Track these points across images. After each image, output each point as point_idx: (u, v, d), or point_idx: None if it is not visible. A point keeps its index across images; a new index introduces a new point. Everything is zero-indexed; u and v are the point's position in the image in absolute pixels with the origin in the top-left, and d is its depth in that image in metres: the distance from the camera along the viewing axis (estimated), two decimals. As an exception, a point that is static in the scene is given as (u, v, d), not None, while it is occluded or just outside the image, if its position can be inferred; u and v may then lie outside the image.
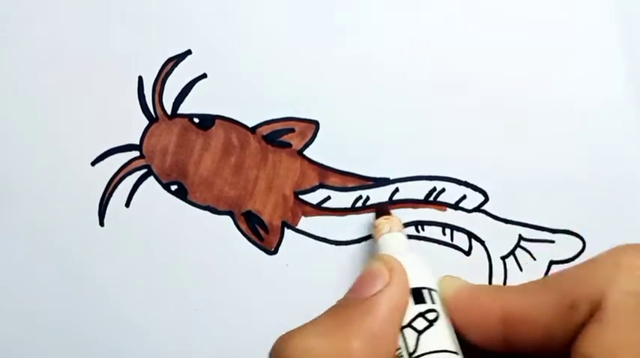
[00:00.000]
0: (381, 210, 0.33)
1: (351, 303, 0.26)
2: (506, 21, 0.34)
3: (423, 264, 0.28)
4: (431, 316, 0.26)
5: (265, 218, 0.34)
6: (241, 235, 0.34)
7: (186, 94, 0.34)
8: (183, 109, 0.34)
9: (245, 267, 0.34)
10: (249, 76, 0.34)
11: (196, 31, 0.34)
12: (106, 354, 0.34)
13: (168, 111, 0.34)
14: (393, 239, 0.30)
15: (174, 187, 0.34)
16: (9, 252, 0.34)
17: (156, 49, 0.34)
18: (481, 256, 0.34)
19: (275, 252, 0.34)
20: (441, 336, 0.26)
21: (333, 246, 0.34)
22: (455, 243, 0.34)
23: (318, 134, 0.34)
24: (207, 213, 0.34)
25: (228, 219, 0.34)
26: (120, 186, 0.34)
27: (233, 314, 0.34)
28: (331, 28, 0.34)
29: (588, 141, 0.33)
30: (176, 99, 0.34)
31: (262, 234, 0.34)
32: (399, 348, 0.25)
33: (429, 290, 0.27)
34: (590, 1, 0.34)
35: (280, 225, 0.34)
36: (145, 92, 0.34)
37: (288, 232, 0.34)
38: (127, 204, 0.34)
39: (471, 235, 0.34)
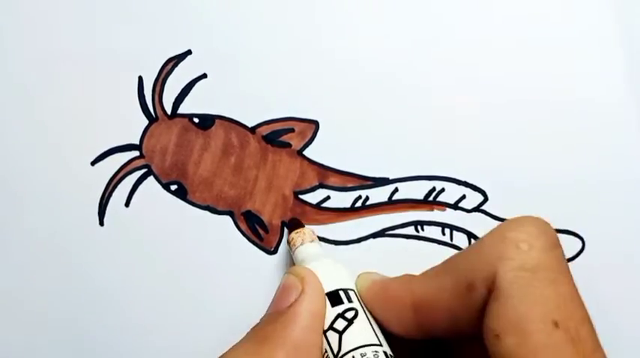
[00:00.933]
0: (292, 223, 0.33)
1: (271, 318, 0.27)
2: (506, 21, 0.34)
3: (337, 267, 0.29)
4: (349, 315, 0.26)
5: (265, 218, 0.34)
6: (241, 235, 0.34)
7: (186, 94, 0.34)
8: (183, 109, 0.34)
9: (245, 267, 0.34)
10: (249, 76, 0.34)
11: (196, 31, 0.34)
12: (106, 354, 0.34)
13: (168, 111, 0.34)
14: (306, 250, 0.31)
15: (174, 187, 0.34)
16: (9, 252, 0.34)
17: (156, 49, 0.34)
18: (481, 256, 0.34)
19: (275, 251, 0.34)
20: (362, 332, 0.26)
21: (333, 245, 0.34)
22: (454, 242, 0.34)
23: (318, 134, 0.34)
24: (207, 212, 0.34)
25: (227, 218, 0.34)
26: (120, 186, 0.34)
27: (233, 315, 0.34)
28: (331, 28, 0.34)
29: (588, 140, 0.33)
30: (176, 99, 0.34)
31: (262, 233, 0.34)
32: (325, 352, 0.26)
33: (345, 290, 0.27)
34: (590, 2, 0.34)
35: (280, 224, 0.34)
36: (145, 92, 0.34)
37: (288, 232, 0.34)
38: (127, 204, 0.34)
39: (470, 235, 0.34)
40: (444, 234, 0.34)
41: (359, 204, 0.34)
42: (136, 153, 0.34)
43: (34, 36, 0.35)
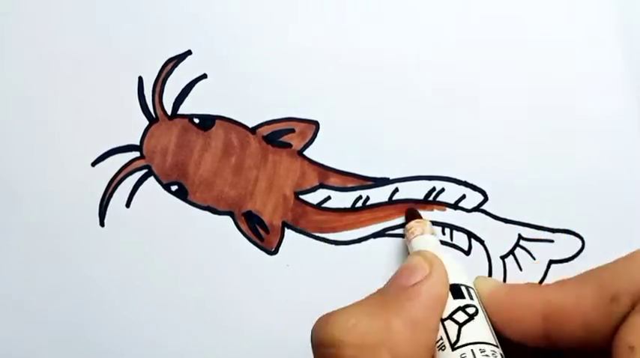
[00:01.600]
0: (412, 212, 0.33)
1: (393, 290, 0.26)
2: (506, 23, 0.34)
3: (458, 263, 0.28)
4: (470, 310, 0.26)
5: (265, 218, 0.34)
6: (242, 235, 0.34)
7: (187, 95, 0.34)
8: (183, 110, 0.34)
9: (245, 267, 0.34)
10: (250, 76, 0.34)
11: (196, 32, 0.34)
12: (106, 354, 0.34)
13: (169, 111, 0.34)
14: (426, 240, 0.31)
15: (174, 187, 0.34)
16: (9, 253, 0.34)
17: (156, 49, 0.34)
18: (481, 256, 0.34)
19: (275, 252, 0.34)
20: (482, 329, 0.26)
21: (333, 245, 0.34)
22: (454, 242, 0.34)
23: (318, 134, 0.34)
24: (207, 213, 0.34)
25: (228, 219, 0.34)
26: (120, 187, 0.34)
27: (233, 315, 0.34)
28: (331, 28, 0.34)
29: (588, 140, 0.33)
30: (176, 99, 0.34)
31: (263, 234, 0.34)
32: (440, 339, 0.26)
33: (467, 287, 0.27)
34: (590, 2, 0.34)
35: (280, 225, 0.34)
36: (145, 92, 0.34)
37: (288, 232, 0.34)
38: (128, 205, 0.34)
39: (470, 235, 0.34)
40: (444, 233, 0.34)
41: (359, 204, 0.34)
42: (137, 154, 0.34)
43: (34, 36, 0.35)
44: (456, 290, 0.27)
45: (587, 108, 0.34)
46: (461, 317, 0.26)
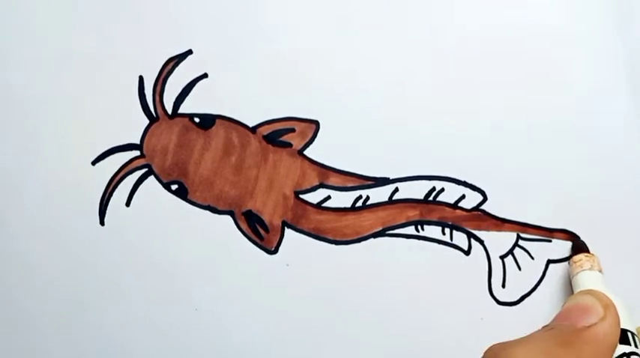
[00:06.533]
0: (579, 245, 0.33)
1: (568, 330, 0.26)
2: (506, 22, 0.34)
3: (625, 307, 0.28)
4: None
5: (265, 217, 0.34)
6: (241, 235, 0.34)
7: (187, 94, 0.34)
8: (183, 109, 0.34)
9: (245, 267, 0.34)
10: (250, 75, 0.34)
11: (197, 31, 0.34)
12: (106, 354, 0.34)
13: (169, 110, 0.34)
14: (595, 277, 0.31)
15: (174, 187, 0.34)
16: (9, 252, 0.34)
17: (157, 48, 0.34)
18: (480, 255, 0.34)
19: (275, 251, 0.34)
20: None
21: (333, 245, 0.34)
22: (454, 242, 0.34)
23: (319, 134, 0.34)
24: (207, 212, 0.34)
25: (228, 218, 0.34)
26: (120, 186, 0.34)
27: (233, 314, 0.34)
28: (331, 28, 0.34)
29: (587, 141, 0.34)
30: (177, 98, 0.34)
31: (262, 233, 0.34)
32: None
33: (632, 333, 0.27)
34: (590, 3, 0.34)
35: (280, 224, 0.34)
36: (146, 91, 0.34)
37: (288, 232, 0.34)
38: (128, 204, 0.34)
39: (470, 235, 0.34)
40: (444, 233, 0.34)
41: (359, 203, 0.34)
42: (137, 153, 0.34)
43: (34, 36, 0.35)
44: (622, 335, 0.27)
45: (586, 108, 0.34)
46: None
